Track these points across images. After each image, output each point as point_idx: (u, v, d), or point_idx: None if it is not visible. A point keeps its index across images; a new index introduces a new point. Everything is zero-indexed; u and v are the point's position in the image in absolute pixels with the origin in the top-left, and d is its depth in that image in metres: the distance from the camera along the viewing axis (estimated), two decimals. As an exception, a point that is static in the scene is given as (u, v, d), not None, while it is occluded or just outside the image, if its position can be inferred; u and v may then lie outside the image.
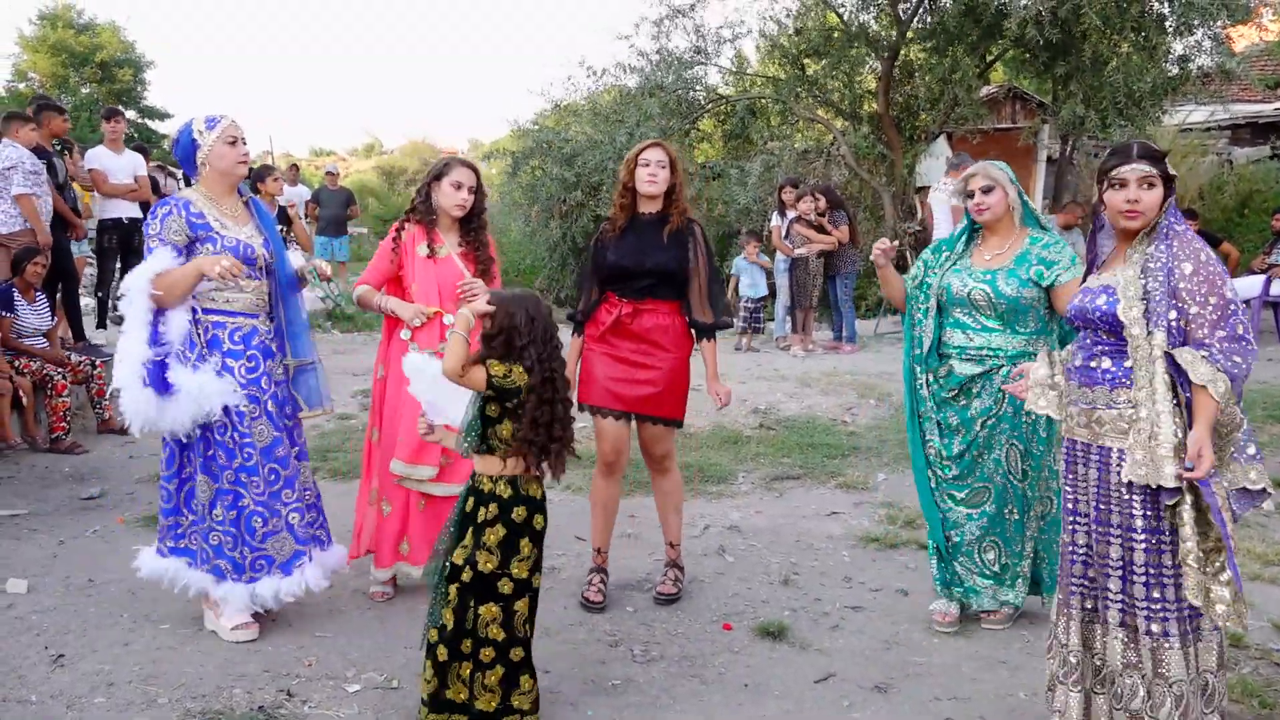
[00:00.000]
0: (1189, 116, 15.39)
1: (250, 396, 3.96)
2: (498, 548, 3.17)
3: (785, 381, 9.06)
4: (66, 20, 27.32)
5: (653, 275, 4.27)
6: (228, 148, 3.98)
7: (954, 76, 12.41)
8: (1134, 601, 2.93)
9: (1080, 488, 3.10)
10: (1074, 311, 3.11)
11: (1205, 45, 12.10)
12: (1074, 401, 3.10)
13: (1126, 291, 2.90)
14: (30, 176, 7.55)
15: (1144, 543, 2.90)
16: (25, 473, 6.40)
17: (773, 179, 12.64)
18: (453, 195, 4.32)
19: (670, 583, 4.50)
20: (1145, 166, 2.95)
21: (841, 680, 3.79)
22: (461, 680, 3.18)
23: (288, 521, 4.03)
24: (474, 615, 3.16)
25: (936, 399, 4.16)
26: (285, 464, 4.03)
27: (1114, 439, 2.96)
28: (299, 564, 4.03)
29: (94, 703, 3.49)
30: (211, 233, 3.94)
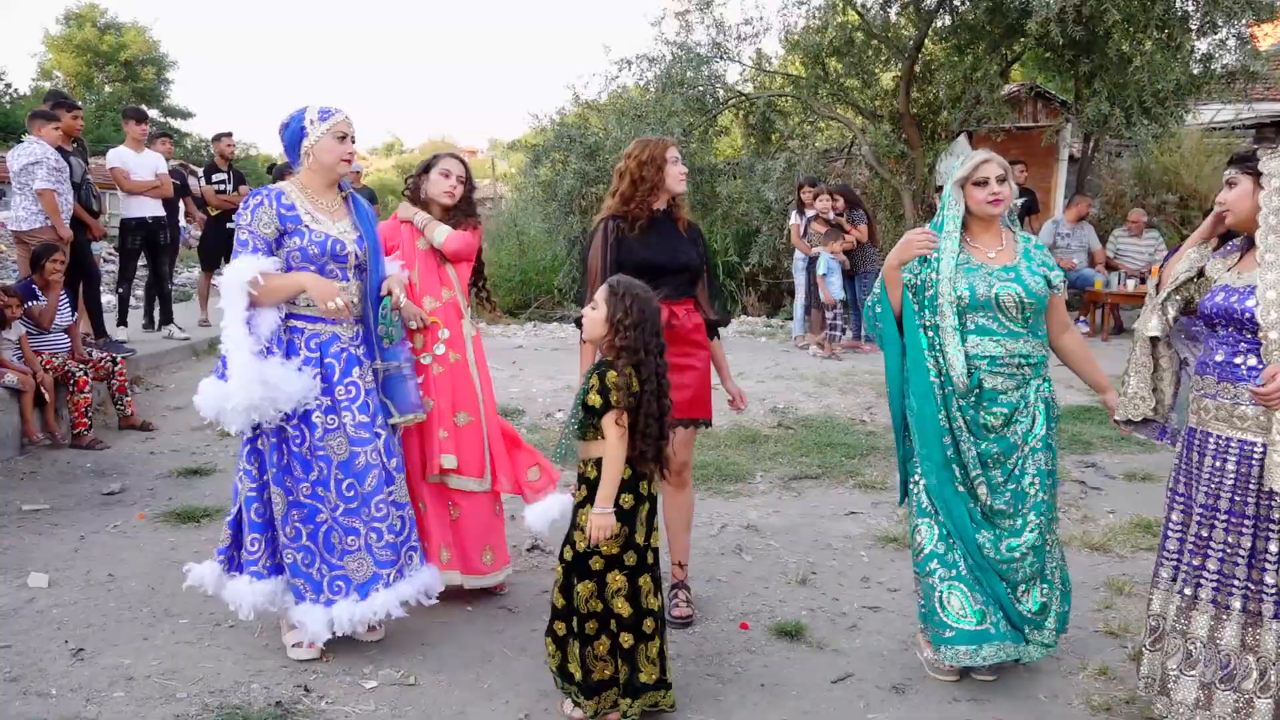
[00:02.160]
0: (1216, 116, 15.27)
1: (325, 408, 3.76)
2: (583, 527, 3.30)
3: (804, 381, 9.04)
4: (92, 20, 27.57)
5: (684, 271, 4.18)
6: (336, 142, 3.81)
7: (975, 75, 12.34)
8: (1260, 588, 3.05)
9: (1213, 479, 3.14)
10: (1216, 309, 3.16)
11: (1229, 44, 11.99)
12: (1212, 395, 3.17)
13: (1265, 295, 3.00)
14: (53, 173, 7.65)
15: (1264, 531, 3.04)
16: (47, 468, 6.45)
17: (794, 177, 12.61)
18: (440, 183, 4.35)
19: (684, 604, 4.29)
20: (1229, 170, 3.19)
21: (859, 680, 3.78)
22: (574, 658, 3.34)
23: (366, 541, 3.81)
24: (575, 593, 3.33)
25: (974, 430, 3.63)
26: (363, 479, 3.80)
27: (1256, 434, 3.05)
28: (375, 587, 3.81)
29: (113, 697, 3.51)
30: (301, 226, 3.76)
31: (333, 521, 3.78)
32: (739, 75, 15.13)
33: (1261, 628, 3.06)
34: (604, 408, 3.23)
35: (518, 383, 8.71)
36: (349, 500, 3.79)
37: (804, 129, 14.27)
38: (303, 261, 3.75)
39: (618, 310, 3.27)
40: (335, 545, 3.79)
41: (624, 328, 3.25)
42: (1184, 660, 3.18)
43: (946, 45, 13.53)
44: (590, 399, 3.25)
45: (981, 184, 3.65)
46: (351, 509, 3.79)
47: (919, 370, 3.65)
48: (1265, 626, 3.05)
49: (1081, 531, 5.29)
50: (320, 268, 3.77)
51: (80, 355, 7.28)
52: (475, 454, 4.36)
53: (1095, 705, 3.57)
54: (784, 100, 14.33)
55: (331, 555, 3.79)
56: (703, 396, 4.25)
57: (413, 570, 3.93)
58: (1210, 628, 3.13)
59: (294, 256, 3.76)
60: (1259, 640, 3.06)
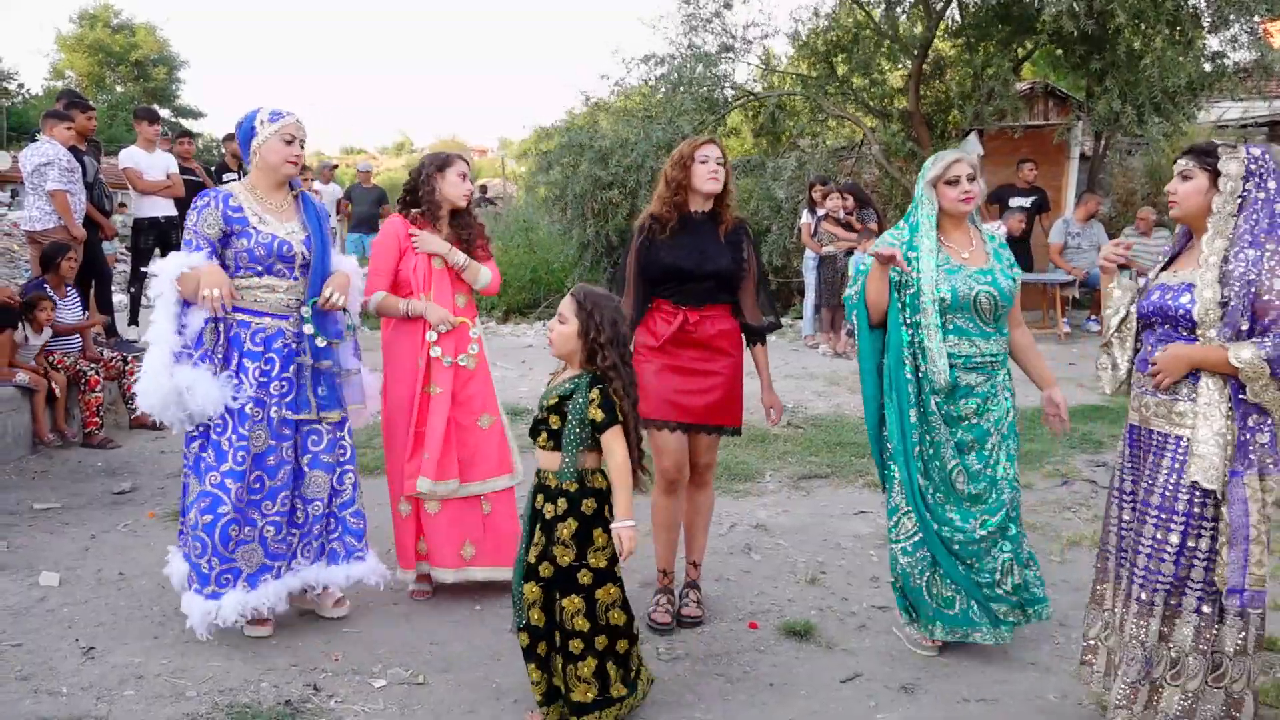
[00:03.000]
0: (1225, 114, 15.18)
1: (257, 400, 3.88)
2: (572, 541, 3.23)
3: (813, 380, 9.03)
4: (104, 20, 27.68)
5: (713, 278, 4.07)
6: (282, 144, 3.92)
7: (987, 72, 12.30)
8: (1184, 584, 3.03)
9: (1149, 475, 3.13)
10: (1152, 308, 3.15)
11: (1241, 40, 11.91)
12: (1152, 392, 3.14)
13: (1203, 294, 2.98)
14: (65, 174, 7.68)
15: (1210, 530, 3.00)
16: (58, 467, 6.47)
17: (804, 176, 12.58)
18: (460, 185, 4.35)
19: (694, 605, 4.27)
20: (1183, 161, 3.11)
21: (868, 680, 3.77)
22: (581, 679, 3.24)
23: (262, 534, 3.92)
24: (559, 609, 3.23)
25: (949, 420, 3.83)
26: (274, 473, 3.92)
27: (1189, 430, 3.03)
28: (264, 579, 3.92)
29: (124, 695, 3.52)
30: (247, 227, 3.88)
31: (234, 513, 3.83)
32: (747, 75, 15.11)
33: (1180, 619, 3.05)
34: (606, 423, 3.21)
35: (527, 382, 8.72)
36: (254, 492, 3.89)
37: (813, 128, 14.23)
38: (250, 262, 3.88)
39: (590, 327, 3.23)
40: (231, 537, 3.84)
41: (600, 345, 3.22)
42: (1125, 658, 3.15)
43: (956, 43, 13.48)
44: (592, 414, 3.21)
45: (953, 183, 3.81)
46: (254, 500, 3.89)
47: (898, 368, 3.80)
48: (1182, 619, 3.04)
49: (1091, 531, 5.26)
50: (267, 268, 3.91)
51: (91, 354, 7.31)
52: (501, 452, 4.42)
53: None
54: (793, 100, 14.29)
55: (225, 547, 3.84)
56: (728, 404, 4.16)
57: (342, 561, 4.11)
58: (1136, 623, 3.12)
59: (241, 258, 3.89)
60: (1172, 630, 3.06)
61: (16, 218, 7.91)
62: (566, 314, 3.28)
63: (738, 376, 4.20)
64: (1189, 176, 3.10)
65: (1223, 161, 3.03)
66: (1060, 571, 4.80)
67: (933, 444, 3.82)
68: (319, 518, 4.07)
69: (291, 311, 3.97)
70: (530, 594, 3.24)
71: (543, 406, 3.33)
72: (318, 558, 4.11)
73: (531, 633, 3.24)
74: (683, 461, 4.15)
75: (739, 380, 4.21)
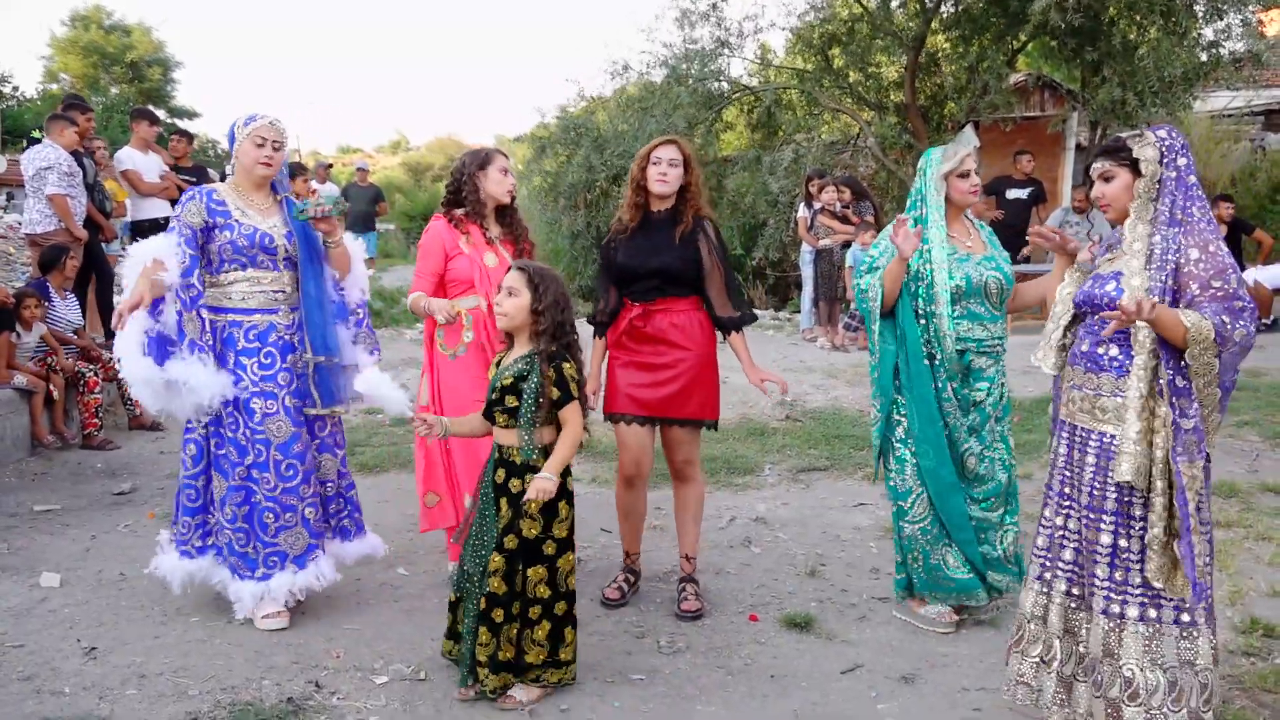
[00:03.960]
0: (1230, 104, 15.19)
1: (265, 393, 4.01)
2: (540, 514, 3.35)
3: (811, 373, 9.04)
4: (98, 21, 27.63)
5: (657, 276, 4.12)
6: (254, 147, 4.04)
7: (981, 65, 12.30)
8: (1123, 589, 2.93)
9: (1076, 473, 3.06)
10: (1083, 297, 3.11)
11: (1236, 30, 11.92)
12: (1078, 386, 3.08)
13: (1131, 281, 2.92)
14: (65, 178, 7.67)
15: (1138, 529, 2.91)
16: (58, 469, 6.48)
17: (800, 170, 12.58)
18: (502, 181, 4.36)
19: (693, 598, 4.28)
20: (1100, 163, 3.08)
21: (868, 671, 3.78)
22: (509, 640, 3.39)
23: (303, 516, 4.07)
24: (523, 579, 3.38)
25: (964, 407, 3.97)
26: (304, 459, 4.07)
27: (1114, 426, 2.95)
28: (313, 557, 4.11)
29: (126, 694, 3.53)
30: (230, 220, 4.02)
31: (266, 501, 4.00)
32: (743, 70, 15.10)
33: (1125, 630, 2.93)
34: (564, 400, 3.35)
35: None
36: (288, 479, 4.03)
37: (809, 122, 14.24)
38: (234, 254, 4.00)
39: (540, 299, 3.36)
40: (269, 524, 4.01)
41: (551, 318, 3.36)
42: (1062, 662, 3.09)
43: (951, 36, 13.48)
44: (550, 392, 3.33)
45: (965, 175, 3.93)
46: (290, 488, 4.03)
47: (917, 358, 3.91)
48: (1129, 629, 2.92)
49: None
50: (250, 259, 4.02)
51: (91, 355, 7.31)
52: None
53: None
54: (788, 94, 14.29)
55: (265, 534, 4.01)
56: (691, 396, 4.17)
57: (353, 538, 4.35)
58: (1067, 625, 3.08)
59: (225, 250, 4.01)
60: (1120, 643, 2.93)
61: (13, 220, 7.88)
62: (517, 286, 3.38)
63: (702, 369, 4.19)
64: (1111, 176, 3.04)
65: (1137, 150, 2.99)
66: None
67: (948, 429, 3.93)
68: (331, 498, 4.28)
69: (280, 304, 4.09)
70: (494, 563, 3.36)
71: (497, 386, 3.42)
72: (335, 535, 4.32)
73: (489, 599, 3.35)
74: (641, 456, 4.21)
75: (705, 372, 4.21)
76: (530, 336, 3.41)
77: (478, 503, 3.53)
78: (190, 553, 4.13)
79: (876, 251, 3.98)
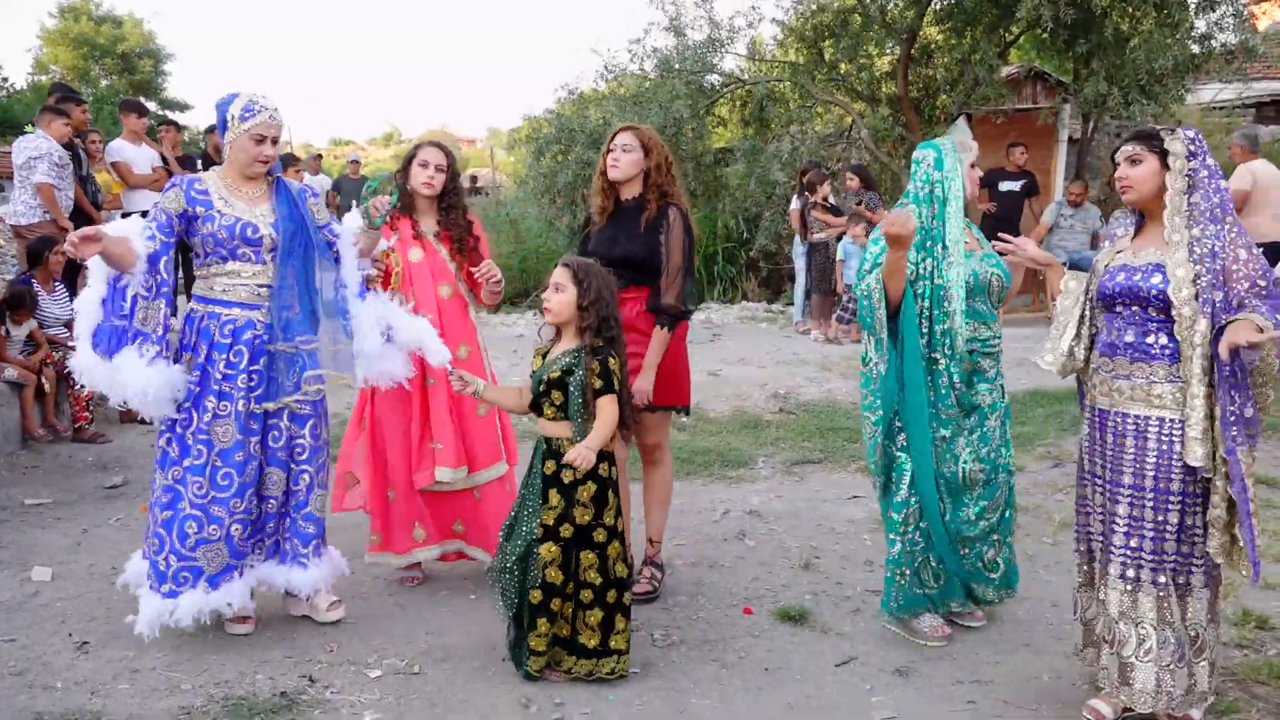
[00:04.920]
0: (1218, 95, 15.21)
1: (222, 393, 3.75)
2: (591, 502, 3.48)
3: (805, 366, 9.04)
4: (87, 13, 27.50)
5: (621, 264, 4.03)
6: (252, 144, 3.78)
7: (974, 57, 12.30)
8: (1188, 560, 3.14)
9: (1127, 459, 3.17)
10: (1119, 289, 3.18)
11: (1227, 22, 11.93)
12: (1125, 376, 3.19)
13: (1176, 273, 3.05)
14: (55, 169, 7.60)
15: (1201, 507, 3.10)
16: (49, 462, 6.45)
17: (794, 162, 12.57)
18: (419, 174, 4.30)
19: (646, 581, 4.28)
20: (1131, 146, 3.19)
21: (863, 664, 3.78)
22: (564, 618, 3.51)
23: (228, 532, 3.75)
24: (575, 562, 3.49)
25: (966, 408, 3.86)
26: (242, 469, 3.76)
27: (1173, 411, 3.10)
28: (227, 579, 3.78)
29: (118, 689, 3.52)
30: (210, 210, 3.76)
31: (191, 509, 3.71)
32: (735, 65, 15.08)
33: (1191, 598, 3.14)
34: (604, 389, 3.42)
35: (518, 372, 8.70)
36: (222, 489, 3.74)
37: (802, 115, 14.23)
38: (215, 246, 3.77)
39: (586, 294, 3.44)
40: (189, 535, 3.70)
41: (597, 313, 3.44)
42: (1138, 646, 3.15)
43: (944, 28, 13.48)
44: (593, 382, 3.41)
45: (974, 166, 3.88)
46: (221, 499, 3.74)
47: (914, 361, 3.74)
48: (1194, 596, 3.14)
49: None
50: (231, 251, 3.77)
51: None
52: (491, 442, 4.42)
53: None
54: (781, 86, 14.28)
55: (183, 545, 3.70)
56: (666, 382, 4.18)
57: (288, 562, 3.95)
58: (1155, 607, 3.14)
59: (207, 243, 3.77)
60: (1187, 610, 3.15)
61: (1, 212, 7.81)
62: (563, 282, 3.46)
63: (670, 357, 4.18)
64: (1139, 160, 3.18)
65: (1169, 142, 3.12)
66: (1052, 553, 4.82)
67: (950, 435, 3.82)
68: (272, 515, 3.93)
69: (262, 301, 3.81)
70: (548, 553, 3.45)
71: (543, 379, 3.50)
72: (270, 555, 3.97)
73: (546, 590, 3.44)
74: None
75: (672, 360, 4.21)
76: (576, 331, 3.49)
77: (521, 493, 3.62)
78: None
79: (877, 249, 3.78)
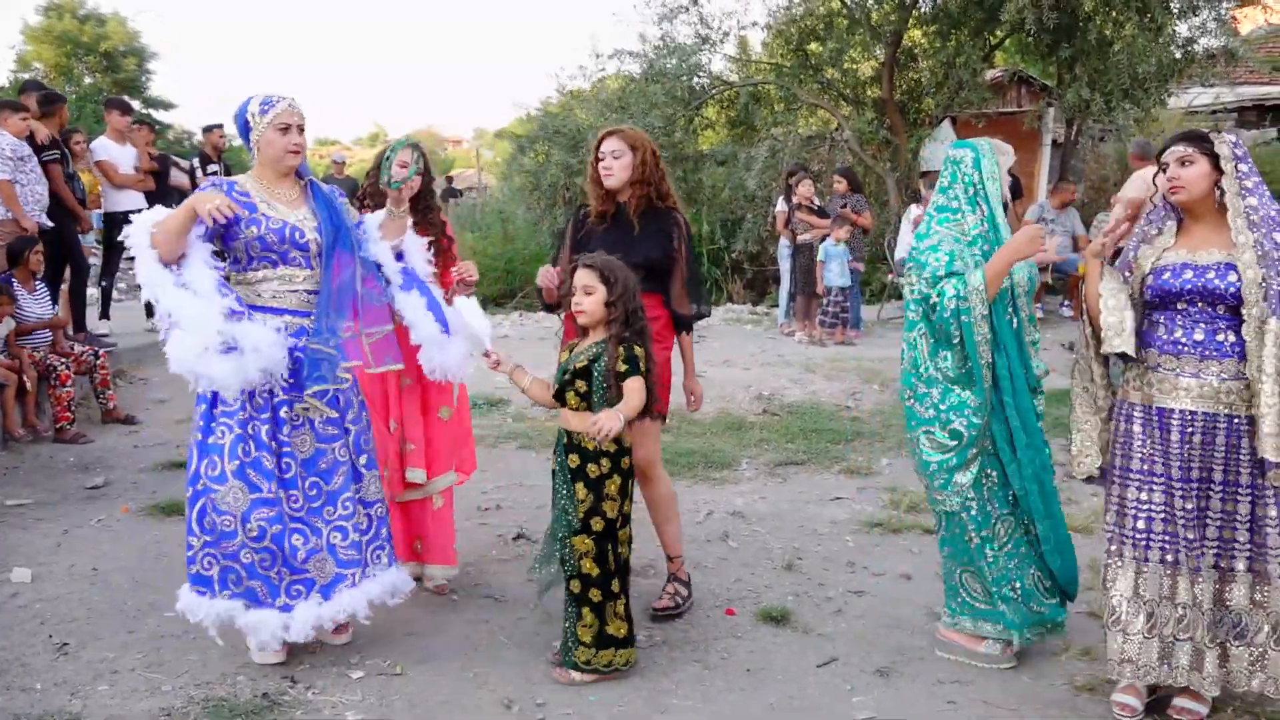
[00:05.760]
0: (1195, 99, 15.32)
1: (289, 402, 3.62)
2: (619, 494, 3.54)
3: (789, 367, 9.06)
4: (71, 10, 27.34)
5: (641, 269, 3.94)
6: (278, 134, 3.64)
7: (958, 60, 12.36)
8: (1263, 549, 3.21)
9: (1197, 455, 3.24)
10: (1189, 287, 3.22)
11: (1210, 27, 12.02)
12: (1194, 374, 3.24)
13: (1247, 273, 3.13)
14: (11, 164, 7.39)
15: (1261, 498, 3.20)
16: (30, 462, 6.41)
17: (778, 165, 12.60)
18: (397, 174, 4.25)
19: (669, 597, 4.20)
20: (1181, 147, 3.26)
21: (844, 664, 3.79)
22: (619, 616, 3.57)
23: (329, 541, 3.67)
24: (614, 555, 3.54)
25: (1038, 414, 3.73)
26: (329, 478, 3.68)
27: (1241, 408, 3.18)
28: (339, 588, 3.66)
29: (98, 690, 3.50)
30: (256, 213, 3.59)
31: (295, 521, 3.61)
32: (722, 68, 15.14)
33: (1270, 585, 3.21)
34: (628, 373, 3.46)
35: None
36: (313, 499, 3.66)
37: (787, 117, 14.27)
38: (263, 251, 3.60)
39: (615, 289, 3.47)
40: (298, 547, 3.58)
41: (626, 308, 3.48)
42: (1178, 627, 3.26)
43: (928, 31, 13.54)
44: (618, 367, 3.45)
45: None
46: (315, 508, 3.66)
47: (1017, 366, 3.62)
48: (1273, 584, 3.20)
49: (1066, 514, 5.30)
50: (282, 255, 3.62)
51: (62, 349, 7.24)
52: (456, 447, 4.43)
53: (1079, 686, 3.60)
54: (767, 89, 14.32)
55: (294, 559, 3.58)
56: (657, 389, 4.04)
57: (380, 570, 3.82)
58: (1215, 592, 3.25)
59: (254, 247, 3.60)
60: (1267, 597, 3.22)
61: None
62: (592, 284, 3.48)
63: (664, 364, 4.08)
64: (1191, 161, 3.24)
65: (1218, 145, 3.22)
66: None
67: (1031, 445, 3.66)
68: (384, 519, 3.87)
69: (310, 307, 3.66)
70: (583, 545, 3.50)
71: (568, 370, 3.53)
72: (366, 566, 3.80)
73: (584, 580, 3.52)
74: None
75: (667, 367, 4.12)
76: (605, 326, 3.51)
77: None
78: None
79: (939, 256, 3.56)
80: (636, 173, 4.06)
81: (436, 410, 4.34)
